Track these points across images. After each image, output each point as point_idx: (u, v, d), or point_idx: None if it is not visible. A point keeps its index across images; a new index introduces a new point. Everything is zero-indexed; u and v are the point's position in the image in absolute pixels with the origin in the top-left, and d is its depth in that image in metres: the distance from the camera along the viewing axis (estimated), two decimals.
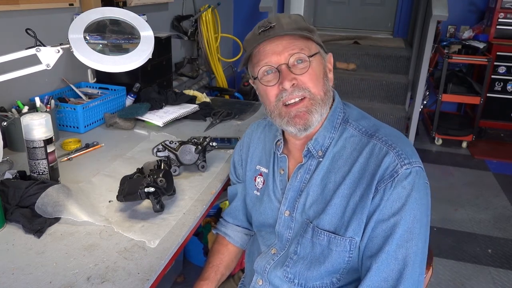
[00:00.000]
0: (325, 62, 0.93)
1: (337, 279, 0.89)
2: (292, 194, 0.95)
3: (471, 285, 2.06)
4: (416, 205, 0.81)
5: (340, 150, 0.90)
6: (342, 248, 0.86)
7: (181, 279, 2.02)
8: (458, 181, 3.12)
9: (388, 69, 3.88)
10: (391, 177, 0.81)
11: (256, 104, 2.03)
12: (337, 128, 0.92)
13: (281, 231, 0.97)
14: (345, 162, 0.88)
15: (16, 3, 1.51)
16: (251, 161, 1.09)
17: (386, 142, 0.85)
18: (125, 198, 1.03)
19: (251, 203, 1.09)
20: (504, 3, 3.54)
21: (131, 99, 1.83)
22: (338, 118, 0.93)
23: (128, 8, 2.18)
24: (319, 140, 0.91)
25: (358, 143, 0.89)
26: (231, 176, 1.19)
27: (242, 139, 1.15)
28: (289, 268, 0.93)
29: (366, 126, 0.91)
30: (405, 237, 0.80)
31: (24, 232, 0.95)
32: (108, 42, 1.03)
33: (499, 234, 2.49)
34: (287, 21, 0.89)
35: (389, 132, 0.89)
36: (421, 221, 0.82)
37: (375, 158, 0.84)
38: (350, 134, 0.91)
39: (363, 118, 0.94)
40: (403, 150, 0.84)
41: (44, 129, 1.07)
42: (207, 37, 3.22)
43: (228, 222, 1.17)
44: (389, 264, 0.80)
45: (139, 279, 0.82)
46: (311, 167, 0.92)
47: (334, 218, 0.87)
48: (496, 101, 3.67)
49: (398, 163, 0.82)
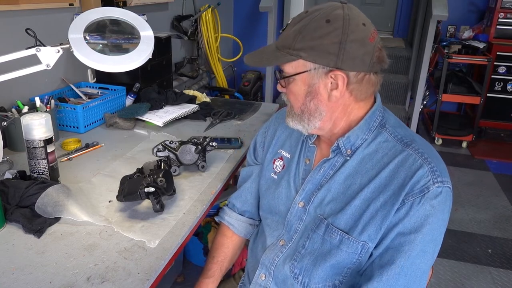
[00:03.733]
0: (316, 80, 0.85)
1: (340, 282, 0.88)
2: (311, 186, 0.94)
3: (471, 285, 2.06)
4: (438, 226, 0.81)
5: (371, 153, 0.88)
6: (353, 250, 0.85)
7: (181, 279, 2.02)
8: (458, 181, 3.12)
9: (388, 69, 3.87)
10: (421, 192, 0.80)
11: (256, 104, 2.03)
12: (372, 130, 0.90)
13: (292, 221, 0.96)
14: (374, 166, 0.87)
15: (16, 3, 1.51)
16: (275, 144, 1.08)
17: (422, 155, 0.83)
18: (125, 198, 1.03)
19: (265, 185, 1.07)
20: (504, 3, 3.55)
21: (131, 99, 1.83)
22: (376, 121, 0.91)
23: (128, 8, 2.18)
24: (351, 139, 0.90)
25: (391, 149, 0.87)
26: (248, 157, 1.18)
27: (269, 122, 1.14)
28: (296, 263, 0.92)
29: (403, 134, 0.89)
30: (420, 256, 0.80)
31: (24, 232, 0.95)
32: (108, 42, 1.03)
33: (499, 234, 2.49)
34: (287, 32, 0.87)
35: (425, 145, 0.87)
36: (435, 241, 0.81)
37: (407, 168, 0.83)
38: (384, 139, 0.89)
39: (400, 126, 0.92)
40: (438, 166, 0.82)
41: (44, 129, 1.07)
42: (207, 37, 3.22)
43: (232, 210, 1.16)
44: (399, 279, 0.80)
45: (139, 279, 0.82)
46: (337, 164, 0.92)
47: (351, 219, 0.86)
48: (496, 101, 3.67)
49: (431, 179, 0.80)
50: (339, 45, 0.80)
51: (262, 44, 3.77)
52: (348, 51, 0.80)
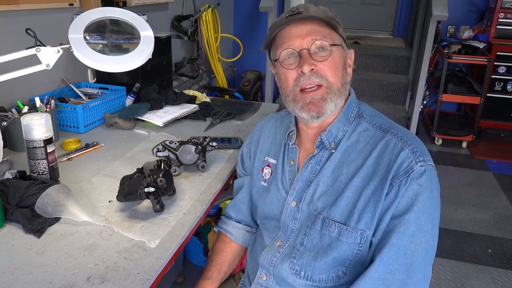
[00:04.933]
0: (346, 56, 0.94)
1: (343, 273, 0.89)
2: (301, 184, 0.95)
3: (471, 285, 2.06)
4: (429, 203, 0.83)
5: (353, 143, 0.91)
6: (352, 240, 0.86)
7: (181, 279, 2.02)
8: (458, 181, 3.12)
9: (388, 69, 3.88)
10: (406, 173, 0.82)
11: (256, 104, 2.03)
12: (351, 121, 0.94)
13: (286, 222, 0.97)
14: (358, 155, 0.89)
15: (16, 3, 1.51)
16: (260, 153, 1.09)
17: (401, 138, 0.87)
18: (125, 198, 1.03)
19: (257, 194, 1.08)
20: (504, 3, 3.54)
21: (131, 99, 1.83)
22: (353, 112, 0.94)
23: (128, 8, 2.18)
24: (332, 132, 0.93)
25: (372, 137, 0.90)
26: (238, 169, 1.20)
27: (252, 133, 1.16)
28: (295, 260, 0.93)
29: (381, 122, 0.93)
30: (416, 234, 0.81)
31: (24, 232, 0.95)
32: (108, 42, 1.03)
33: (499, 234, 2.49)
34: (315, 9, 0.92)
35: (403, 130, 0.91)
36: (432, 220, 0.83)
37: (389, 153, 0.86)
38: (364, 128, 0.92)
39: (377, 115, 0.97)
40: (418, 147, 0.85)
41: (44, 129, 1.07)
42: (207, 37, 3.22)
43: (229, 219, 1.17)
44: (398, 258, 0.81)
45: (139, 279, 0.82)
46: (323, 159, 0.93)
47: (345, 210, 0.88)
48: (496, 101, 3.67)
49: (413, 160, 0.83)
50: (343, 31, 0.94)
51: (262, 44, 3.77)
52: None
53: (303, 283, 0.91)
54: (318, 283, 0.90)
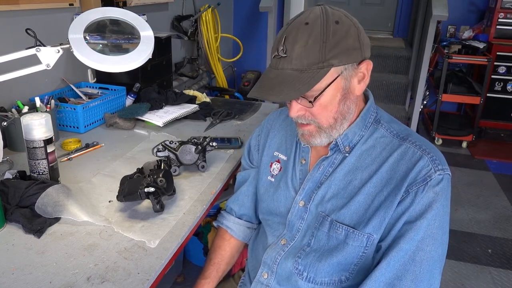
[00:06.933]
0: (348, 79, 0.84)
1: (346, 278, 0.89)
2: (311, 185, 0.95)
3: (471, 285, 2.06)
4: (442, 212, 0.83)
5: (369, 149, 0.91)
6: (358, 243, 0.86)
7: (181, 279, 2.02)
8: (458, 181, 3.12)
9: (388, 69, 3.89)
10: (424, 181, 0.82)
11: (256, 104, 2.03)
12: (368, 127, 0.92)
13: (293, 221, 0.97)
14: (373, 161, 0.89)
15: (16, 3, 1.51)
16: (269, 146, 1.08)
17: (420, 147, 0.86)
18: (125, 198, 1.03)
19: (262, 188, 1.07)
20: (504, 3, 3.55)
21: (131, 99, 1.83)
22: (371, 118, 0.93)
23: (128, 8, 2.18)
24: (348, 136, 0.91)
25: (388, 144, 0.89)
26: (243, 161, 1.18)
27: (262, 125, 1.14)
28: (300, 259, 0.92)
29: (398, 129, 0.92)
30: (426, 241, 0.81)
31: (24, 232, 0.95)
32: (108, 42, 1.03)
33: (499, 234, 2.49)
34: (299, 50, 0.79)
35: (420, 138, 0.91)
36: (443, 228, 0.84)
37: (407, 161, 0.85)
38: (380, 135, 0.91)
39: (394, 121, 0.95)
40: (437, 156, 0.85)
41: (44, 129, 1.07)
42: (207, 37, 3.22)
43: (230, 214, 1.16)
44: (406, 264, 0.81)
45: (139, 279, 0.82)
46: (336, 161, 0.93)
47: (356, 214, 0.87)
48: (496, 101, 3.67)
49: (432, 168, 0.83)
50: (358, 38, 0.82)
51: (262, 44, 3.78)
52: (363, 40, 0.83)
53: (304, 285, 0.91)
54: (320, 285, 0.90)
